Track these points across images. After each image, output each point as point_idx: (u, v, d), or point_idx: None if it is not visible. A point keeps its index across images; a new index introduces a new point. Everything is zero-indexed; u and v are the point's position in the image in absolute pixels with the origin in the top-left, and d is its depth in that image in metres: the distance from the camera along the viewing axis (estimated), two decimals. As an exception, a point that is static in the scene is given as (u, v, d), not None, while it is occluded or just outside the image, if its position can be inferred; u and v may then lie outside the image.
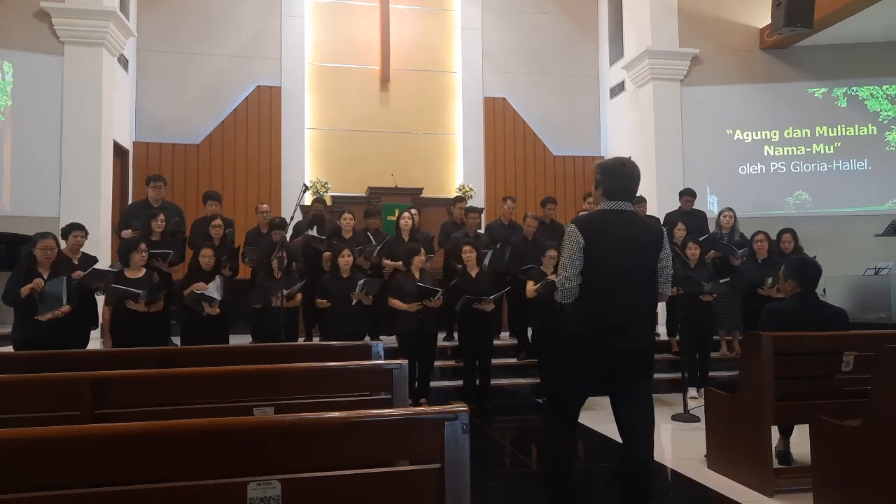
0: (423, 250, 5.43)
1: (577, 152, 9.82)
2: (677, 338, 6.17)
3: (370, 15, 9.42)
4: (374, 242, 6.01)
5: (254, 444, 1.52)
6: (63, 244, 5.01)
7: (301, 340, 5.91)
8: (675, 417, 5.07)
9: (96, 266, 4.96)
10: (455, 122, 9.73)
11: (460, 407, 1.73)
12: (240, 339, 5.82)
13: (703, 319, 5.55)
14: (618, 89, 9.64)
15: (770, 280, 5.45)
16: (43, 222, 5.79)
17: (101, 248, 6.78)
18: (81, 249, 5.15)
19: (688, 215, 6.87)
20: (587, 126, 10.03)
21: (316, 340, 5.94)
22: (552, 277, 5.42)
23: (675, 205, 7.30)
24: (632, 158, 2.92)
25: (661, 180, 8.43)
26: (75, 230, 5.06)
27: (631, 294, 2.71)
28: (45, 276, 4.50)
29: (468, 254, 5.46)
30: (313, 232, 6.17)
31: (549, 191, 9.08)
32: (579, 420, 2.90)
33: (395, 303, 5.28)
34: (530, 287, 5.64)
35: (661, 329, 7.00)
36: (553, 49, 9.95)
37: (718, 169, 8.70)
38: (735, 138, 8.79)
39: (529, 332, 6.16)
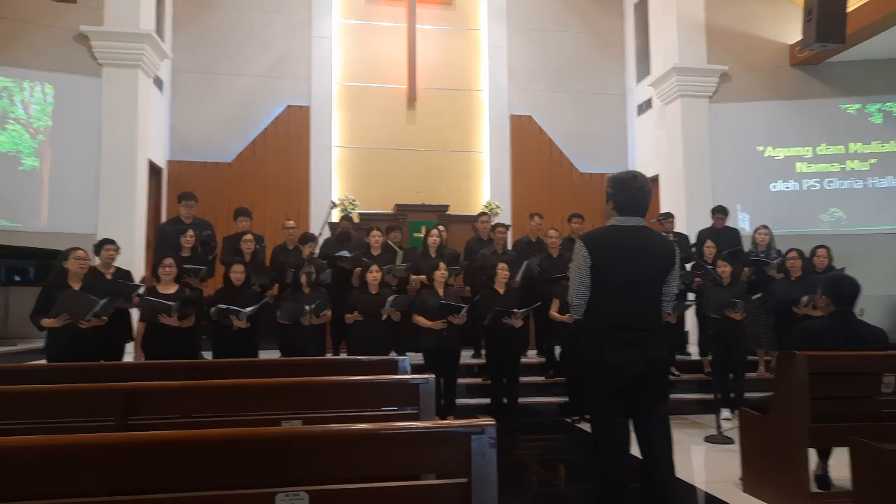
0: (442, 265, 5.43)
1: (603, 169, 9.76)
2: (709, 357, 6.05)
3: (397, 35, 9.56)
4: (398, 250, 6.08)
5: (282, 454, 1.53)
6: (96, 260, 5.13)
7: (328, 355, 5.94)
8: (707, 439, 4.96)
9: (129, 281, 5.07)
10: (481, 140, 9.78)
11: (487, 421, 1.71)
12: (268, 354, 5.86)
13: (736, 338, 5.43)
14: (645, 106, 9.59)
15: (805, 298, 5.33)
16: (79, 239, 5.93)
17: (135, 263, 6.93)
18: (114, 264, 5.26)
19: (720, 233, 6.77)
20: (614, 143, 9.99)
21: (343, 355, 5.96)
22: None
23: (704, 222, 7.20)
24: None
25: (689, 197, 8.34)
26: (107, 244, 5.16)
27: (640, 309, 2.69)
28: (77, 290, 4.60)
29: (503, 271, 5.43)
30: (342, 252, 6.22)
31: (576, 207, 9.00)
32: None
33: (419, 319, 5.28)
34: (555, 306, 5.61)
35: (693, 349, 6.88)
36: (578, 67, 9.97)
37: (749, 186, 8.57)
38: (766, 155, 8.66)
39: (557, 350, 6.11)
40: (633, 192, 2.77)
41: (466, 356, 6.16)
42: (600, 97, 10.01)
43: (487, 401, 5.63)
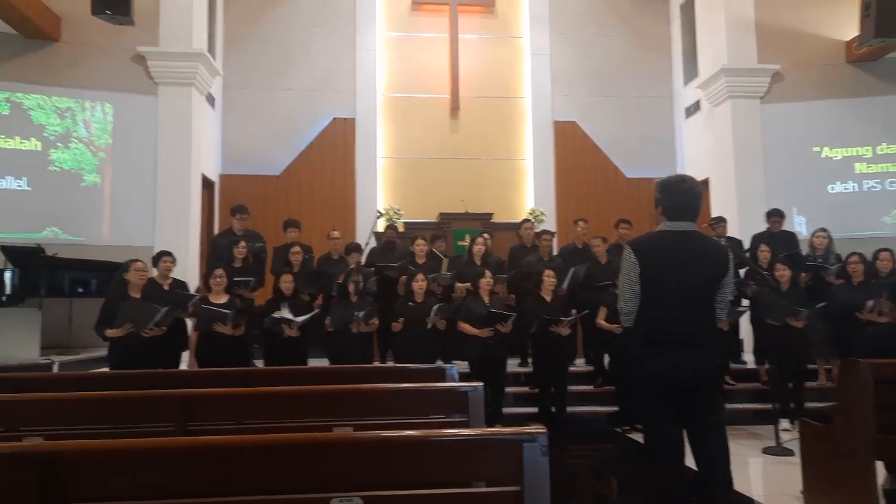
0: (488, 273, 5.42)
1: (651, 174, 9.57)
2: (766, 366, 5.85)
3: (440, 46, 9.65)
4: (443, 259, 6.11)
5: (336, 459, 1.55)
6: (154, 271, 5.33)
7: (375, 363, 5.99)
8: (766, 451, 4.78)
9: (185, 292, 5.25)
10: (525, 147, 9.74)
11: (538, 429, 1.70)
12: (317, 363, 5.95)
13: (795, 347, 5.22)
14: (693, 109, 9.39)
15: (871, 303, 5.10)
16: (138, 251, 6.15)
17: (189, 274, 7.15)
18: (171, 275, 5.45)
19: (776, 237, 6.54)
20: (661, 147, 9.81)
21: (389, 363, 6.00)
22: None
23: (757, 226, 6.98)
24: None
25: (742, 201, 8.10)
26: (164, 256, 5.35)
27: (691, 317, 2.62)
28: (138, 298, 4.78)
29: (550, 279, 5.39)
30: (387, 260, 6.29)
31: (623, 213, 8.85)
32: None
33: (465, 327, 5.28)
34: (603, 314, 5.52)
35: (748, 357, 6.66)
36: (623, 70, 9.84)
37: (805, 188, 8.27)
38: (822, 156, 8.34)
39: (606, 358, 6.01)
40: (682, 195, 2.71)
41: (513, 364, 6.11)
42: (646, 101, 9.84)
43: (535, 410, 5.58)
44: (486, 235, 6.62)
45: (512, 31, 9.88)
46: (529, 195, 9.61)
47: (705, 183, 8.58)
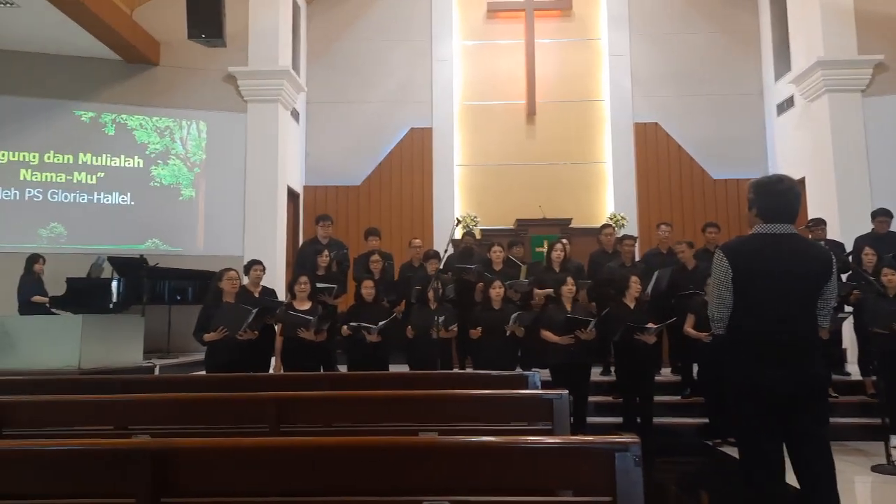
0: (570, 279, 5.32)
1: (739, 175, 9.14)
2: (873, 378, 5.42)
3: (515, 52, 9.63)
4: (521, 265, 6.06)
5: (427, 463, 1.56)
6: (245, 279, 5.59)
7: (455, 370, 6.01)
8: (875, 468, 4.43)
9: (274, 298, 5.48)
10: (604, 151, 9.54)
11: (631, 438, 1.65)
12: (396, 369, 6.04)
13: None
14: (786, 105, 8.89)
15: None
16: (229, 261, 6.49)
17: (276, 282, 7.46)
18: (261, 283, 5.69)
19: (882, 239, 6.07)
20: (751, 146, 9.34)
21: (468, 370, 6.01)
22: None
23: (860, 228, 6.50)
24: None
25: (843, 202, 7.56)
26: (255, 265, 5.60)
27: (789, 324, 2.45)
28: (231, 303, 5.03)
29: (635, 285, 5.24)
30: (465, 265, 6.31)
31: (709, 216, 8.52)
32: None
33: (547, 334, 5.20)
34: (690, 321, 5.31)
35: (853, 368, 6.21)
36: (709, 68, 9.46)
37: (915, 185, 7.63)
38: (934, 150, 7.68)
39: (695, 368, 5.76)
40: (779, 195, 2.56)
41: (595, 373, 5.97)
42: (734, 98, 9.41)
43: (619, 419, 5.42)
44: (564, 241, 6.52)
45: (589, 32, 9.72)
46: (609, 199, 9.40)
47: (801, 183, 8.08)
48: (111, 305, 6.71)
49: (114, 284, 6.78)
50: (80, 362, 5.01)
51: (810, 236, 5.96)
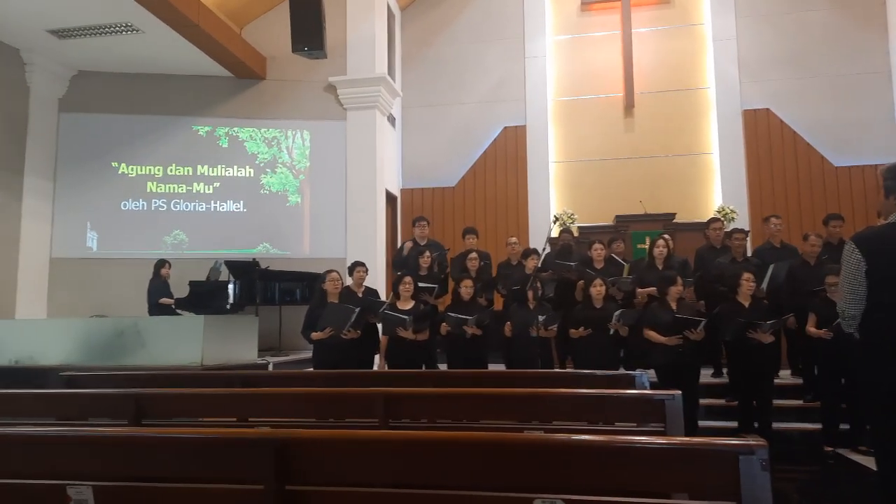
0: (679, 279, 5.09)
1: (865, 161, 8.39)
2: None
3: (611, 43, 9.36)
4: (624, 263, 5.89)
5: (539, 461, 1.55)
6: (349, 280, 5.79)
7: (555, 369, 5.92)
8: None
9: (376, 299, 5.65)
10: (710, 141, 9.06)
11: (758, 441, 1.55)
12: (494, 368, 6.04)
13: None
14: (918, 82, 8.06)
15: None
16: (333, 262, 6.75)
17: (377, 282, 7.68)
18: (364, 284, 5.88)
19: None
20: (878, 129, 8.53)
21: (569, 370, 5.90)
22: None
23: None
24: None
25: None
26: (358, 266, 5.80)
27: None
28: (336, 302, 5.24)
29: (748, 282, 4.94)
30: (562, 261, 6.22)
31: (831, 207, 7.88)
32: None
33: (651, 334, 5.01)
34: (812, 321, 4.93)
35: None
36: (826, 48, 8.75)
37: None
38: None
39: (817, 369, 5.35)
40: None
41: (705, 375, 5.69)
42: (857, 79, 8.64)
43: (733, 424, 5.13)
44: (666, 237, 6.25)
45: (691, 18, 9.28)
46: (717, 192, 8.91)
47: (939, 167, 7.29)
48: (228, 306, 7.18)
49: (230, 287, 7.26)
50: (202, 359, 5.39)
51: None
